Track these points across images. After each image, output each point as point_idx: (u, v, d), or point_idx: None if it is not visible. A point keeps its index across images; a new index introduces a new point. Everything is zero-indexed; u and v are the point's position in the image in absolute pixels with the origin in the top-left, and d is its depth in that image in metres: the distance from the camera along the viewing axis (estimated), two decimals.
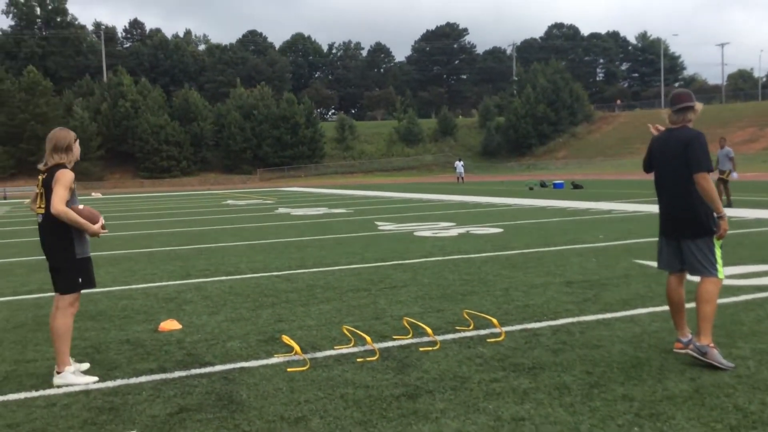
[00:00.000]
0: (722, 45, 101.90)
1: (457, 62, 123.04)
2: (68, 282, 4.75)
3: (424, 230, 14.18)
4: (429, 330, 5.37)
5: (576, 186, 30.27)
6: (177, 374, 4.78)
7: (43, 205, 4.68)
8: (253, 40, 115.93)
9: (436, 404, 3.98)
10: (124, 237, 15.08)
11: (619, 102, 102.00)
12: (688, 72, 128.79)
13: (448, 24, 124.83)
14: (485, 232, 13.36)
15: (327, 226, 16.29)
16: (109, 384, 4.61)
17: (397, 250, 11.01)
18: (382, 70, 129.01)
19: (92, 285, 4.91)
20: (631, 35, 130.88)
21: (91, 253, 4.98)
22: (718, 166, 16.95)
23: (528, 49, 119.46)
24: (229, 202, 31.18)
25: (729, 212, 15.06)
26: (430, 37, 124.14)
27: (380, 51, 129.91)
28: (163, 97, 74.75)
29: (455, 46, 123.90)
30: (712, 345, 4.55)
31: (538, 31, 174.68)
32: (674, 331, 5.37)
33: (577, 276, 8.06)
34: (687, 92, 5.01)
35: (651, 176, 5.27)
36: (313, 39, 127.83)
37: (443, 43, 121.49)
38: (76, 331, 6.14)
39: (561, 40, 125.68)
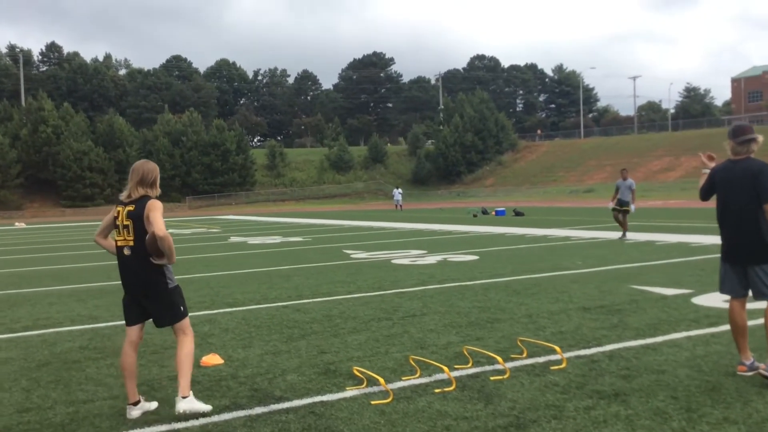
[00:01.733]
0: (634, 78, 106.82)
1: (383, 90, 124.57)
2: (175, 313, 4.67)
3: (400, 258, 14.23)
4: (500, 359, 5.40)
5: (518, 213, 31.04)
6: (258, 410, 4.64)
7: (130, 238, 4.56)
8: (177, 65, 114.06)
9: None
10: (89, 269, 14.47)
11: (540, 132, 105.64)
12: (602, 103, 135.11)
13: (374, 53, 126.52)
14: (463, 260, 13.53)
15: (297, 254, 16.11)
16: (194, 423, 4.43)
17: (388, 279, 11.01)
18: (309, 97, 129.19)
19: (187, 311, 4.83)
20: (548, 68, 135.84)
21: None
22: (618, 197, 17.05)
23: (452, 79, 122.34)
24: (171, 230, 30.34)
25: (691, 239, 15.82)
26: (357, 65, 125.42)
27: (307, 78, 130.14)
28: (87, 122, 72.28)
29: (382, 74, 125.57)
30: None
31: (461, 62, 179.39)
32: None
33: (587, 302, 8.28)
34: (749, 125, 5.29)
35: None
36: (237, 65, 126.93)
37: (370, 71, 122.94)
38: (110, 368, 5.88)
39: (483, 71, 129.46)
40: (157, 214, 4.47)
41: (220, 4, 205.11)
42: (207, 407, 4.61)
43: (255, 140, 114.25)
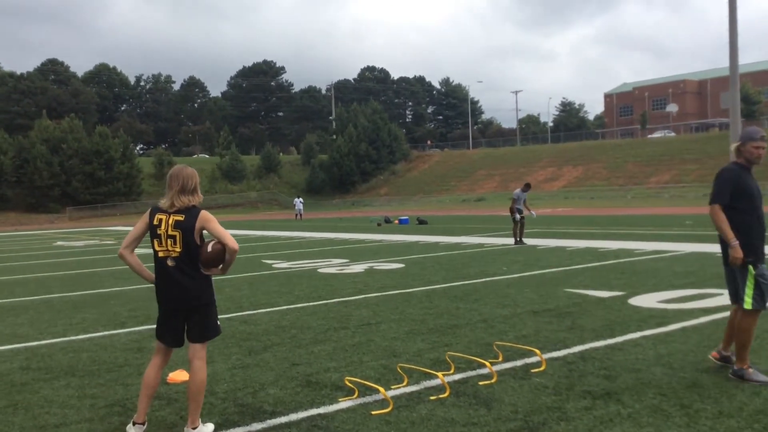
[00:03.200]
0: (516, 92, 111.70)
1: (274, 99, 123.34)
2: (214, 327, 4.42)
3: (325, 267, 14.09)
4: (488, 364, 5.44)
5: (421, 222, 31.54)
6: (257, 426, 4.44)
7: (176, 248, 4.27)
8: (53, 69, 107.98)
9: None
10: None
11: (429, 142, 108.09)
12: (486, 116, 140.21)
13: (264, 61, 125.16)
14: (390, 268, 13.57)
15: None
16: None
17: (324, 288, 10.86)
18: (196, 104, 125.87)
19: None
20: (435, 80, 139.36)
21: None
22: (517, 206, 17.96)
23: (342, 89, 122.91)
24: (61, 243, 28.60)
25: (596, 244, 16.62)
26: (246, 73, 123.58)
27: (194, 85, 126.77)
28: None
29: (272, 83, 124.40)
30: (747, 367, 5.08)
31: (351, 73, 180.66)
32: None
33: (533, 306, 8.51)
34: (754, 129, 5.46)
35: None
36: (118, 70, 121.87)
37: (260, 80, 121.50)
38: (68, 389, 5.47)
39: (373, 82, 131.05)
40: (218, 227, 4.28)
41: (93, 6, 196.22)
42: (211, 427, 4.37)
43: (138, 148, 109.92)
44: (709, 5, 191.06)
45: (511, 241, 18.71)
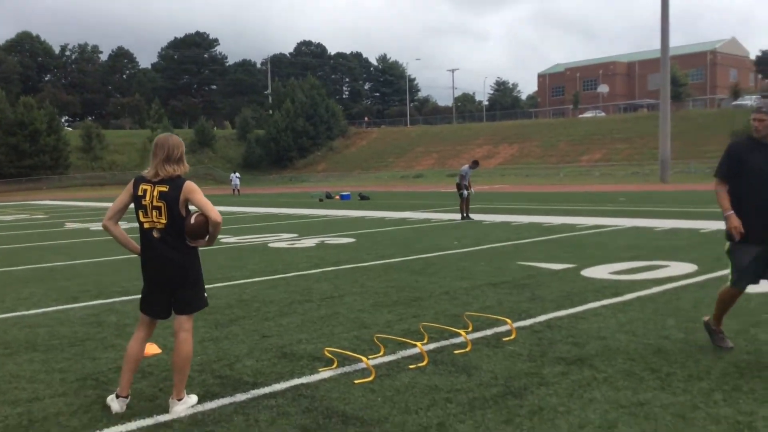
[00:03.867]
0: (453, 71, 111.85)
1: (207, 72, 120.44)
2: (201, 299, 4.33)
3: (275, 242, 13.98)
4: (463, 333, 5.54)
5: (363, 197, 31.57)
6: (241, 397, 4.41)
7: (161, 220, 4.14)
8: None
9: (549, 399, 4.21)
10: None
11: (367, 119, 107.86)
12: (422, 94, 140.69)
13: (197, 33, 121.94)
14: (341, 242, 13.58)
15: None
16: (182, 415, 4.12)
17: (279, 262, 10.79)
18: (125, 76, 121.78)
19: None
20: (372, 57, 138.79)
21: None
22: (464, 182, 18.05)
23: (278, 63, 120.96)
24: None
25: (539, 219, 17.02)
26: (178, 45, 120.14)
27: (122, 56, 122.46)
28: None
29: (206, 56, 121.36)
30: (718, 329, 5.29)
31: (287, 47, 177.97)
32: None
33: (490, 278, 8.67)
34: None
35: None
36: (42, 39, 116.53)
37: (193, 52, 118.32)
38: (33, 363, 5.31)
39: (310, 57, 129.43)
40: (202, 198, 4.16)
41: None
42: (195, 398, 4.32)
43: (64, 120, 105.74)
44: None
45: (456, 216, 18.94)
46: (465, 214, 18.06)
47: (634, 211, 19.51)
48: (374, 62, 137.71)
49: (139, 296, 4.44)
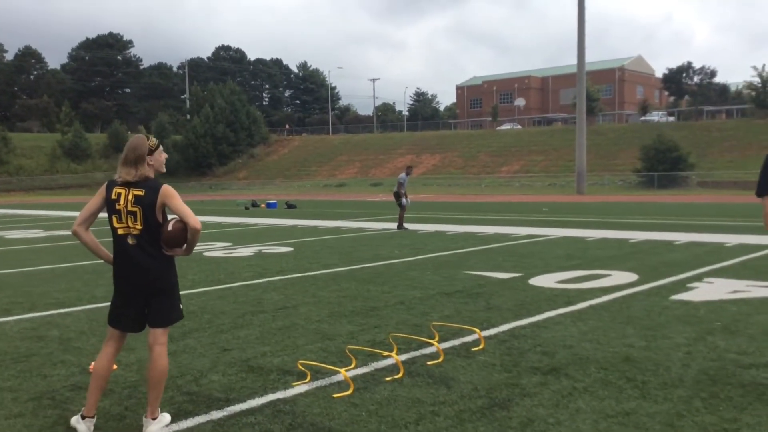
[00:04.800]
0: (373, 80, 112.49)
1: (120, 75, 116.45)
2: (177, 310, 4.06)
3: (210, 251, 13.55)
4: (436, 344, 5.47)
5: (290, 206, 31.18)
6: (217, 415, 4.18)
7: (136, 226, 3.89)
8: None
9: (536, 410, 4.18)
10: None
11: (288, 126, 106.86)
12: (343, 102, 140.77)
13: (110, 34, 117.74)
14: (280, 251, 13.31)
15: (84, 249, 14.51)
16: None
17: (220, 272, 10.45)
18: (32, 76, 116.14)
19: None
20: (292, 64, 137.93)
21: None
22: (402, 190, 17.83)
23: (196, 68, 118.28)
24: None
25: (473, 229, 17.19)
26: (90, 45, 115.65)
27: (29, 56, 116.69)
28: None
29: (119, 57, 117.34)
30: None
31: (204, 52, 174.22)
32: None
33: (442, 288, 8.66)
34: None
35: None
36: None
37: (106, 53, 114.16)
38: (14, 380, 4.90)
39: (228, 62, 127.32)
40: (180, 203, 3.91)
41: None
42: (168, 417, 4.06)
43: None
44: (548, 6, 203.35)
45: (389, 225, 18.91)
46: (400, 224, 18.06)
47: (561, 222, 20.06)
48: (294, 69, 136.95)
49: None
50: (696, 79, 76.05)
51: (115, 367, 5.25)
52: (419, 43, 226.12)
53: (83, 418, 3.92)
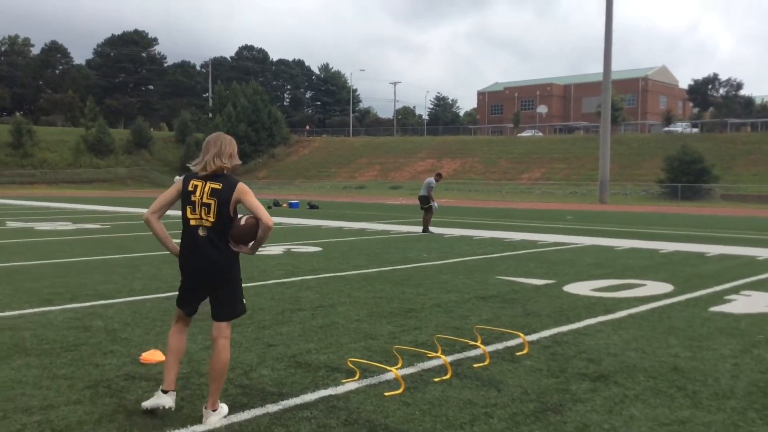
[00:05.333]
0: (395, 83, 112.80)
1: (144, 72, 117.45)
2: (241, 304, 4.16)
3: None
4: (483, 347, 5.48)
5: (312, 206, 31.29)
6: (272, 408, 4.23)
7: (209, 218, 3.99)
8: None
9: (590, 416, 4.19)
10: None
11: (308, 127, 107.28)
12: (363, 105, 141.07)
13: (136, 31, 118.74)
14: (308, 251, 13.37)
15: (114, 243, 14.71)
16: (219, 426, 3.91)
17: (251, 269, 10.48)
18: (58, 71, 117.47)
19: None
20: (314, 65, 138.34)
21: None
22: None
23: (219, 67, 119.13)
24: None
25: (498, 234, 17.13)
26: (115, 42, 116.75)
27: (56, 50, 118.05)
28: None
29: (143, 54, 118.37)
30: None
31: (227, 51, 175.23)
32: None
33: (476, 292, 8.67)
34: None
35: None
36: None
37: (131, 50, 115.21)
38: (37, 369, 4.98)
39: (251, 62, 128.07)
40: (254, 200, 4.03)
41: None
42: (227, 408, 4.13)
43: None
44: (571, 13, 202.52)
45: (414, 228, 18.92)
46: (426, 227, 18.06)
47: (586, 230, 19.97)
48: (316, 71, 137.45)
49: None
50: (722, 91, 75.36)
51: (163, 358, 5.33)
52: (440, 47, 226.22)
53: (165, 392, 4.05)
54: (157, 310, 7.26)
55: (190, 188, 4.02)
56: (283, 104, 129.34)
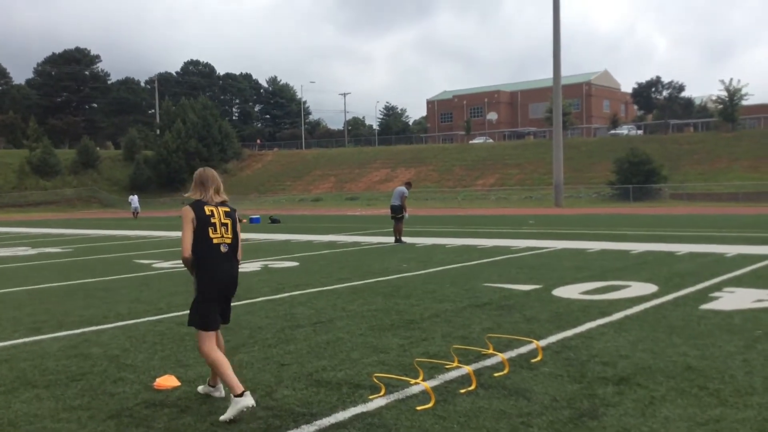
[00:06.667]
0: (345, 94, 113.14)
1: (87, 90, 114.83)
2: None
3: None
4: (502, 355, 5.49)
5: (274, 221, 31.00)
6: (308, 429, 4.15)
7: (228, 236, 4.74)
8: None
9: (626, 419, 4.22)
10: None
11: (259, 141, 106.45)
12: (314, 117, 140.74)
13: (77, 49, 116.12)
14: (286, 266, 13.24)
15: (82, 266, 14.30)
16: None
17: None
18: None
19: None
20: (262, 79, 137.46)
21: None
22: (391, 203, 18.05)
23: (164, 82, 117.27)
24: None
25: (470, 242, 17.28)
26: (57, 60, 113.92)
27: None
28: None
29: (86, 72, 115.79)
30: None
31: (172, 66, 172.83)
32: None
33: (470, 300, 8.68)
34: None
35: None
36: None
37: (73, 68, 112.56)
38: (49, 401, 4.79)
39: (198, 77, 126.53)
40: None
41: None
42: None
43: None
44: (513, 20, 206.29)
45: (382, 239, 18.91)
46: (398, 237, 18.07)
47: (552, 234, 20.27)
48: (264, 84, 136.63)
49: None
50: (665, 93, 77.73)
51: (178, 383, 5.19)
52: (387, 56, 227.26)
53: (241, 395, 4.30)
54: (152, 333, 7.08)
55: (207, 212, 4.68)
56: (233, 118, 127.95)
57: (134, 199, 44.30)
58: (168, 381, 5.19)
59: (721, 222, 25.10)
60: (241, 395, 4.29)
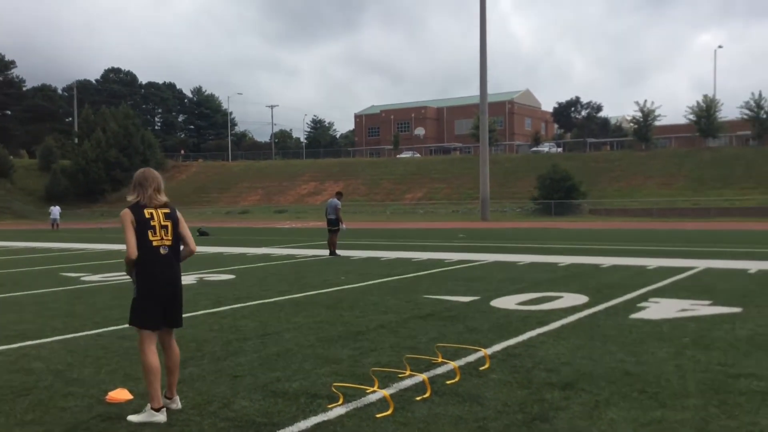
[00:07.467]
0: (272, 107, 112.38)
1: (1, 96, 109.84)
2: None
3: None
4: (454, 364, 5.66)
5: (202, 233, 30.46)
6: None
7: (168, 238, 4.78)
8: None
9: (576, 422, 4.47)
10: None
11: (183, 152, 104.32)
12: (240, 128, 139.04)
13: None
14: (222, 278, 13.11)
15: (6, 279, 13.72)
16: None
17: None
18: None
19: None
20: (186, 89, 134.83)
21: None
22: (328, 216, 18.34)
23: (83, 90, 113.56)
24: None
25: (404, 255, 17.50)
26: None
27: None
28: None
29: (0, 78, 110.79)
30: None
31: (91, 74, 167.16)
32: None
33: (415, 312, 8.86)
34: None
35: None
36: None
37: None
38: (3, 417, 4.67)
39: (119, 85, 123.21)
40: (187, 228, 4.97)
41: None
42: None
43: None
44: (439, 38, 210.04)
45: (316, 252, 18.93)
46: (332, 250, 18.13)
47: (482, 247, 20.78)
48: (189, 94, 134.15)
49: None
50: (584, 112, 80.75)
51: (131, 397, 5.13)
52: (314, 69, 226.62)
53: (158, 410, 4.49)
54: (94, 347, 6.94)
55: (146, 215, 4.69)
56: (155, 128, 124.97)
57: (55, 210, 42.66)
58: (120, 394, 5.13)
59: (638, 236, 26.29)
60: (158, 410, 4.50)
